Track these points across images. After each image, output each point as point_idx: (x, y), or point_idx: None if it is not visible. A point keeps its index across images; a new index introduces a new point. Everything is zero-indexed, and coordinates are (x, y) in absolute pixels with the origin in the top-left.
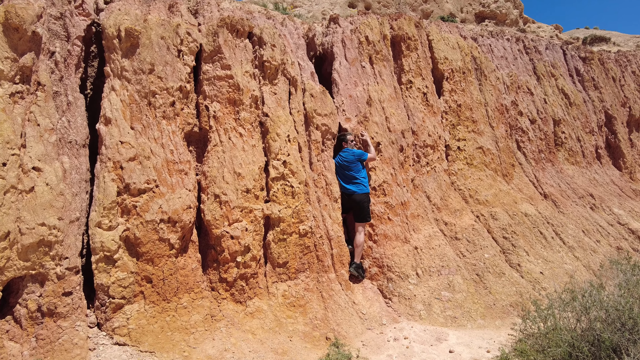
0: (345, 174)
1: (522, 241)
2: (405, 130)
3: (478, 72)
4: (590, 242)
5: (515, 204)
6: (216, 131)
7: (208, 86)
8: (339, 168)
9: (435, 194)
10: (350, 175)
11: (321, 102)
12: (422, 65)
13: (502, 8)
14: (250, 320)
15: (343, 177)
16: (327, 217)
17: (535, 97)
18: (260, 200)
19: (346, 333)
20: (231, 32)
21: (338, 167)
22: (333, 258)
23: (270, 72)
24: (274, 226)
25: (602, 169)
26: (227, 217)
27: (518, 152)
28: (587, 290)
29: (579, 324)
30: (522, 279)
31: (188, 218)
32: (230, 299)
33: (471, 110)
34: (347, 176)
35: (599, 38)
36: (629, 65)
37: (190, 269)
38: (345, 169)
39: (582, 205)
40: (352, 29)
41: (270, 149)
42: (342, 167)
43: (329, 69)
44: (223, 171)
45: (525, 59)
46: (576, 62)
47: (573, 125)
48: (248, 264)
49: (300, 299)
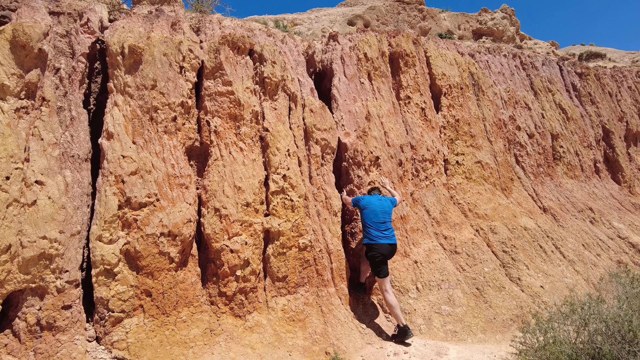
0: (379, 223)
1: (522, 255)
2: (404, 145)
3: (476, 88)
4: (591, 256)
5: (515, 217)
6: (217, 146)
7: (209, 102)
8: (371, 214)
9: (434, 208)
10: (385, 227)
11: (321, 117)
12: (420, 81)
13: (499, 25)
14: (249, 334)
15: (376, 226)
16: (326, 231)
17: (532, 112)
18: (260, 214)
19: (346, 348)
20: (232, 49)
21: (372, 214)
22: (333, 272)
23: (270, 88)
24: (274, 240)
25: (600, 182)
26: (227, 231)
27: (517, 166)
28: (586, 303)
29: (579, 337)
30: (522, 292)
31: (188, 232)
32: (230, 313)
33: (469, 125)
34: (381, 226)
35: (595, 54)
36: (625, 81)
37: (190, 282)
38: (381, 216)
39: (582, 219)
40: (350, 46)
41: (271, 163)
42: (376, 213)
43: (328, 85)
44: (223, 185)
45: (522, 75)
46: (572, 77)
47: (571, 139)
48: (247, 278)
49: (299, 314)
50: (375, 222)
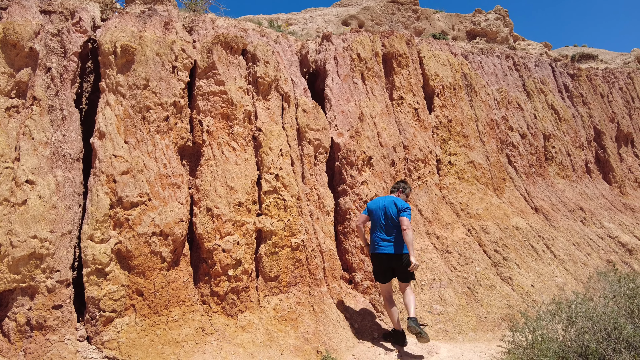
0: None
1: (513, 254)
2: (397, 145)
3: (469, 88)
4: (581, 255)
5: (507, 217)
6: (209, 145)
7: (202, 101)
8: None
9: (426, 208)
10: (392, 231)
11: (314, 117)
12: (413, 81)
13: (492, 26)
14: (241, 333)
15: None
16: (319, 231)
17: (525, 113)
18: (253, 214)
19: (337, 347)
20: (225, 49)
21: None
22: (325, 271)
23: (263, 88)
24: (266, 239)
25: (592, 183)
26: (219, 231)
27: (509, 166)
28: (573, 302)
29: (567, 335)
30: (513, 292)
31: (180, 231)
32: (222, 312)
33: (462, 126)
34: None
35: (587, 55)
36: (617, 82)
37: (182, 282)
38: (389, 219)
39: (573, 219)
40: (344, 47)
41: (263, 162)
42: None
43: (321, 85)
44: (216, 185)
45: (515, 76)
46: (565, 78)
47: (563, 140)
48: (239, 278)
49: (291, 313)
50: (374, 226)
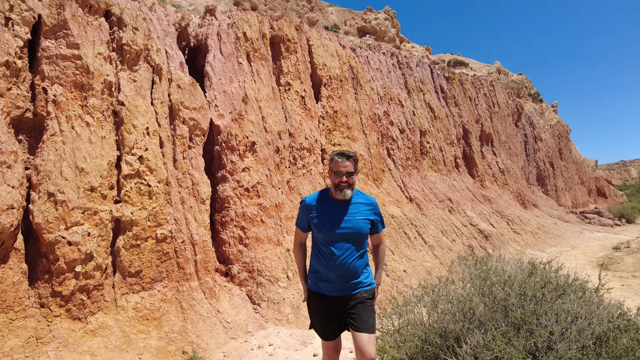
0: None
1: (389, 241)
2: (282, 132)
3: (354, 82)
4: (447, 242)
5: (384, 206)
6: (56, 118)
7: (48, 65)
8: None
9: None
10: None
11: (190, 94)
12: (302, 69)
13: (381, 25)
14: (90, 339)
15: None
16: (191, 220)
17: (405, 109)
18: (109, 201)
19: (207, 345)
20: (82, 6)
21: None
22: (197, 265)
23: (130, 57)
24: (126, 230)
25: (459, 176)
26: (63, 220)
27: (388, 158)
28: (436, 286)
29: (430, 318)
30: (387, 277)
31: (9, 221)
32: (66, 315)
33: (347, 117)
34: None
35: (460, 62)
36: (482, 88)
37: (11, 282)
38: None
39: (442, 209)
40: (229, 23)
41: (125, 142)
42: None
43: (202, 62)
44: (61, 165)
45: (398, 73)
46: (441, 80)
47: (437, 136)
48: (90, 274)
49: (155, 312)
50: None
